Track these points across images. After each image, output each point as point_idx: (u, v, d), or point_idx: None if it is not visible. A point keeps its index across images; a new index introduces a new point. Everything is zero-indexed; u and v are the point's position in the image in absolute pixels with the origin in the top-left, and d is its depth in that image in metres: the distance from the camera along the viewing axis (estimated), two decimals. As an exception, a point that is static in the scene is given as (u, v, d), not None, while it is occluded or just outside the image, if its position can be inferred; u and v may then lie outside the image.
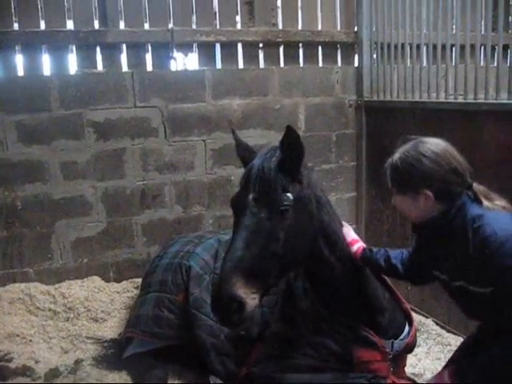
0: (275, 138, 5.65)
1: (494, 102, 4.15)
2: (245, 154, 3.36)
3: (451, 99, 4.64)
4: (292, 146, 2.92)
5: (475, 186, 2.70)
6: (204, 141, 5.50)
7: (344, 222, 3.43)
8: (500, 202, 2.68)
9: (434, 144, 2.65)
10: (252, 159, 3.11)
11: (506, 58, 4.21)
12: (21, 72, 4.98)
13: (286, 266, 2.95)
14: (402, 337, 3.37)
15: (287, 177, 2.93)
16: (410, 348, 3.48)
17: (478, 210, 2.56)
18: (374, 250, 3.22)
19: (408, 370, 3.70)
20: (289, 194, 2.88)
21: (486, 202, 2.63)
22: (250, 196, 2.90)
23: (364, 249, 3.24)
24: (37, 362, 4.25)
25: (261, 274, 2.79)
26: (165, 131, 5.35)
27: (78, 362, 4.26)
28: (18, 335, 4.52)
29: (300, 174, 3.01)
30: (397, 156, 2.71)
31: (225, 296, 2.69)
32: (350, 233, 3.35)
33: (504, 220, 2.48)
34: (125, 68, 5.26)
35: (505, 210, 2.63)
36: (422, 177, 2.60)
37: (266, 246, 2.81)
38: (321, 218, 3.11)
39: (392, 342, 3.29)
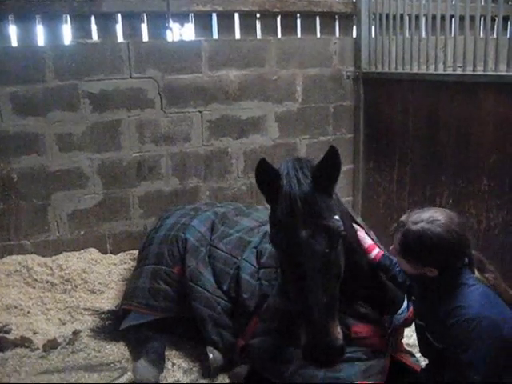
0: (272, 109, 5.65)
1: (493, 73, 4.12)
2: (268, 177, 2.78)
3: (450, 71, 4.60)
4: (335, 167, 2.72)
5: (474, 253, 2.76)
6: (200, 112, 5.47)
7: (357, 227, 3.32)
8: (490, 275, 2.74)
9: (446, 223, 2.62)
10: (276, 181, 2.75)
11: (506, 29, 4.15)
12: (14, 43, 4.91)
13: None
14: (400, 311, 3.38)
15: (326, 195, 2.74)
16: (408, 323, 3.49)
17: (465, 278, 2.65)
18: (394, 260, 3.16)
19: (403, 340, 3.73)
20: (337, 217, 2.73)
21: (477, 273, 2.71)
22: (303, 232, 2.64)
23: (383, 255, 3.22)
24: (35, 333, 4.30)
25: (337, 303, 2.73)
26: (161, 102, 5.31)
27: (75, 333, 4.31)
28: (15, 307, 4.55)
29: (335, 187, 2.84)
30: (413, 230, 2.64)
31: (333, 350, 2.62)
32: (365, 237, 3.29)
33: (482, 299, 2.56)
34: (120, 38, 5.19)
35: (492, 284, 2.70)
36: (432, 259, 2.65)
37: (336, 277, 2.73)
38: None
39: (391, 317, 3.30)
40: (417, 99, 5.00)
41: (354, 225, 3.33)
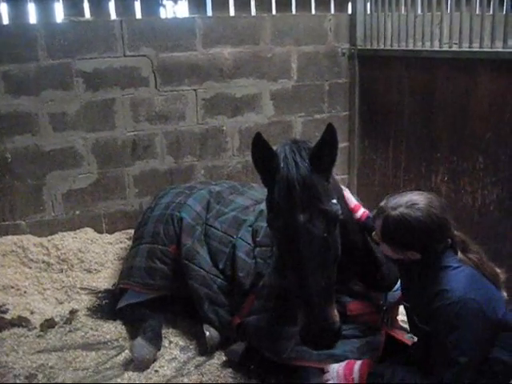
0: (267, 87, 5.61)
1: (489, 50, 4.09)
2: (263, 156, 2.76)
3: (446, 48, 4.57)
4: (333, 145, 2.72)
5: (456, 234, 2.75)
6: (195, 90, 5.43)
7: (342, 186, 3.34)
8: (474, 256, 2.74)
9: (426, 206, 2.61)
10: (273, 161, 2.74)
11: (502, 5, 4.11)
12: (6, 21, 4.86)
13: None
14: (395, 288, 3.39)
15: (324, 179, 2.73)
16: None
17: (448, 260, 2.65)
18: None
19: (398, 317, 3.76)
20: (334, 201, 2.73)
21: (460, 255, 2.71)
22: (301, 216, 2.63)
23: (368, 216, 3.23)
24: (32, 312, 4.32)
25: (334, 284, 2.75)
26: (155, 81, 5.27)
27: (72, 312, 4.33)
28: (12, 287, 4.57)
29: (332, 170, 2.82)
30: (392, 216, 2.62)
31: (330, 332, 2.65)
32: (351, 197, 3.31)
33: (466, 281, 2.57)
34: (113, 16, 5.15)
35: (476, 264, 2.71)
36: (413, 243, 2.63)
37: (333, 259, 2.74)
38: None
39: (385, 294, 3.32)
40: (412, 76, 4.98)
41: (342, 187, 3.31)
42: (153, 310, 4.05)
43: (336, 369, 2.82)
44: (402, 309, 3.84)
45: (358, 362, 2.78)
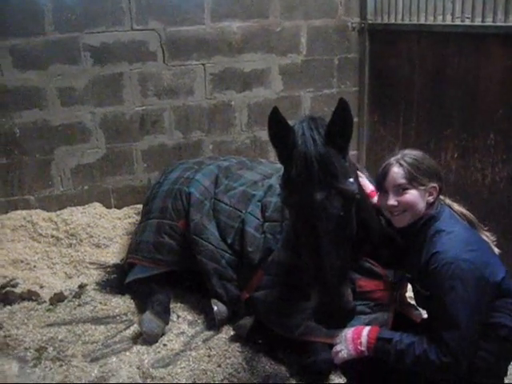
0: (276, 61, 5.57)
1: (502, 24, 4.01)
2: (279, 131, 2.72)
3: (458, 22, 4.49)
4: (348, 121, 2.69)
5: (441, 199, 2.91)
6: (203, 65, 5.39)
7: (359, 172, 3.28)
8: (458, 207, 2.88)
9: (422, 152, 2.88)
10: (289, 137, 2.71)
11: (517, -22, 4.03)
12: (13, -6, 4.80)
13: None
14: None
15: (340, 156, 2.69)
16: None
17: (443, 225, 2.72)
18: None
19: (406, 294, 3.76)
20: (351, 179, 2.69)
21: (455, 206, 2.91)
22: (318, 194, 2.58)
23: None
24: (41, 287, 4.36)
25: (348, 264, 2.76)
26: (163, 55, 5.23)
27: (81, 286, 4.37)
28: (22, 261, 4.61)
29: (348, 147, 2.79)
30: (407, 155, 2.80)
31: (343, 311, 2.64)
32: (367, 183, 3.31)
33: (460, 244, 2.62)
34: (121, -11, 5.07)
35: (463, 215, 2.85)
36: (434, 172, 2.78)
37: (348, 239, 2.71)
38: None
39: (394, 271, 3.32)
40: (423, 51, 4.91)
41: (359, 172, 3.26)
42: (161, 284, 4.08)
43: (345, 333, 2.82)
44: (410, 285, 3.86)
45: (367, 328, 2.79)
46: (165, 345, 3.66)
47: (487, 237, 2.84)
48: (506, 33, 3.96)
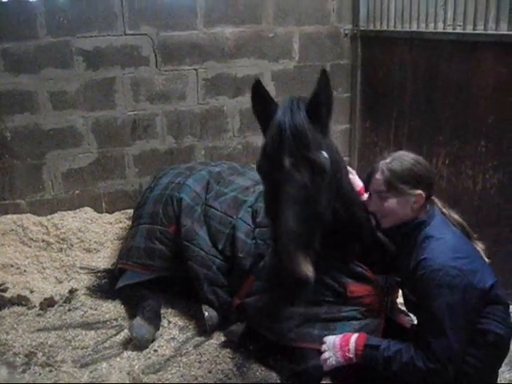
0: (269, 67, 5.58)
1: (494, 32, 4.05)
2: (264, 105, 2.87)
3: (450, 29, 4.52)
4: (327, 93, 2.74)
5: (434, 198, 2.92)
6: (196, 70, 5.39)
7: (349, 168, 3.32)
8: (455, 216, 2.90)
9: (415, 156, 2.87)
10: (272, 112, 2.79)
11: (508, -13, 4.06)
12: (5, -3, 4.79)
13: (326, 224, 2.85)
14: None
15: (318, 131, 2.74)
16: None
17: (433, 231, 2.74)
18: None
19: (398, 300, 3.77)
20: (325, 153, 2.71)
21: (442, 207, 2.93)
22: (287, 161, 2.64)
23: None
24: (32, 291, 4.34)
25: (313, 242, 2.72)
26: (156, 60, 5.23)
27: (72, 291, 4.34)
28: (12, 266, 4.58)
29: (329, 126, 2.84)
30: (394, 161, 2.81)
31: (293, 277, 2.59)
32: (356, 181, 3.31)
33: (448, 250, 2.63)
34: (113, -7, 5.07)
35: (458, 224, 2.87)
36: (420, 179, 2.78)
37: (313, 212, 2.69)
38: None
39: (386, 277, 3.33)
40: (415, 58, 4.93)
41: (348, 168, 3.30)
42: (152, 290, 4.06)
43: (332, 340, 2.86)
44: (401, 292, 3.86)
45: (355, 335, 2.83)
46: (155, 350, 3.64)
47: (477, 245, 2.85)
48: (497, 41, 4.00)
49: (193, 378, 3.34)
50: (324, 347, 2.86)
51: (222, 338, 3.71)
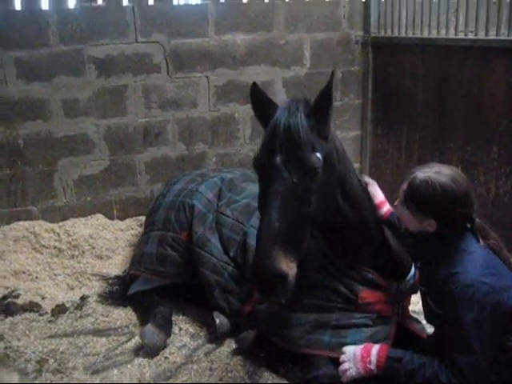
0: (280, 74, 5.59)
1: (506, 38, 4.04)
2: (263, 107, 2.93)
3: (461, 36, 4.51)
4: (326, 96, 2.76)
5: (477, 221, 2.75)
6: (207, 77, 5.41)
7: (370, 179, 3.32)
8: (492, 242, 2.78)
9: (452, 175, 2.67)
10: (273, 113, 2.82)
11: (520, -8, 4.05)
12: (18, 6, 4.82)
13: (315, 227, 2.86)
14: (408, 278, 3.37)
15: (315, 133, 2.75)
16: (415, 289, 3.49)
17: (465, 244, 2.65)
18: None
19: (409, 307, 3.74)
20: (318, 154, 2.72)
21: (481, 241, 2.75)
22: (278, 158, 2.68)
23: (392, 213, 3.20)
24: (43, 298, 4.35)
25: (297, 242, 2.70)
26: (167, 67, 5.25)
27: (83, 298, 4.35)
28: (24, 272, 4.60)
29: (329, 128, 2.84)
30: (419, 178, 2.68)
31: (268, 272, 2.55)
32: (377, 194, 3.27)
33: (481, 266, 2.56)
34: (125, 2, 5.09)
35: (493, 251, 2.74)
36: (435, 210, 2.65)
37: (299, 212, 2.69)
38: (339, 169, 2.98)
39: (398, 284, 3.30)
40: (427, 64, 4.92)
41: (368, 179, 3.31)
42: (163, 296, 4.05)
43: (353, 351, 2.79)
44: (413, 298, 3.84)
45: (376, 346, 2.77)
46: (166, 357, 3.63)
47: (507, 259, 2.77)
48: (510, 46, 3.98)
49: (204, 386, 3.33)
50: (343, 358, 2.80)
51: (234, 346, 3.69)
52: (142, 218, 4.96)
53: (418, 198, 2.66)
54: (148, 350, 3.63)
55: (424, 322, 3.75)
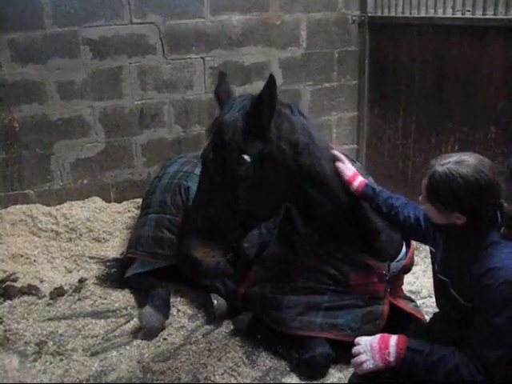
0: (276, 55, 5.55)
1: (503, 17, 4.01)
2: (222, 96, 3.14)
3: (459, 15, 4.48)
4: (269, 97, 2.78)
5: (506, 206, 2.51)
6: (203, 58, 5.37)
7: (340, 155, 3.20)
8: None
9: (475, 164, 2.43)
10: (225, 106, 2.98)
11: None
12: (11, -12, 4.78)
13: (253, 219, 2.99)
14: (399, 258, 3.38)
15: (250, 134, 2.79)
16: (407, 269, 3.51)
17: (496, 237, 2.46)
18: (377, 189, 3.08)
19: (405, 287, 3.76)
20: (246, 157, 2.76)
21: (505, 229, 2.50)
22: (209, 155, 2.85)
23: (366, 185, 3.10)
24: (41, 281, 4.37)
25: (220, 232, 2.83)
26: (162, 48, 5.21)
27: (81, 280, 4.37)
28: (21, 256, 4.60)
29: (268, 129, 2.84)
30: (438, 172, 2.43)
31: (184, 259, 2.89)
32: (346, 170, 3.14)
33: None
34: (119, -18, 5.05)
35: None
36: (461, 205, 2.43)
37: (221, 207, 2.80)
38: (300, 163, 2.96)
39: (389, 264, 3.31)
40: (424, 44, 4.89)
41: (336, 154, 3.20)
42: (161, 279, 4.07)
43: (369, 342, 2.57)
44: (410, 278, 3.86)
45: (394, 337, 2.56)
46: (165, 339, 3.66)
47: None
48: (507, 25, 3.96)
49: (202, 366, 3.35)
50: (358, 349, 2.59)
51: (231, 327, 3.72)
52: (139, 201, 4.95)
53: (441, 195, 2.46)
54: (146, 332, 3.67)
55: (420, 301, 3.78)
